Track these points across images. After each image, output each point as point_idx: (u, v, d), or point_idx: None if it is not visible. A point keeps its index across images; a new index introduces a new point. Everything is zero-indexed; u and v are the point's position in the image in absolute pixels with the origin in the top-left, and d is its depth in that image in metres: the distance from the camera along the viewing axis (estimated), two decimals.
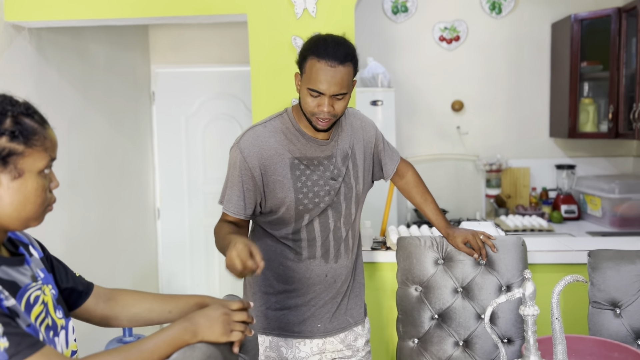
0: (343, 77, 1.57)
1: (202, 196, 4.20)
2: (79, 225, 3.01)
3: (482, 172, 3.88)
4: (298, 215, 1.71)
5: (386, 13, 3.86)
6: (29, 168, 1.02)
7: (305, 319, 1.78)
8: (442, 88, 3.88)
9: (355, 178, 1.79)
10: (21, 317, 0.99)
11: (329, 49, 1.56)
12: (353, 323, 1.86)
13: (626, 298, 1.86)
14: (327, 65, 1.55)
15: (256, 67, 2.40)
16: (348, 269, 1.82)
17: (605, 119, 3.50)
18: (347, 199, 1.77)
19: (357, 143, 1.81)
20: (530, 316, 1.35)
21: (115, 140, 3.51)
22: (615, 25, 3.33)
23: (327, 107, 1.58)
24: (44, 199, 1.05)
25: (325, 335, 1.80)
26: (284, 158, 1.69)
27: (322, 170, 1.72)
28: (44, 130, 1.05)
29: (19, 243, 1.14)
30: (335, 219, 1.76)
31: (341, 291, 1.82)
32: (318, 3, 2.34)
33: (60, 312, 1.14)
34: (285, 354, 1.78)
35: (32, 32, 2.64)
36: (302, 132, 1.71)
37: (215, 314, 1.15)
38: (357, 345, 1.88)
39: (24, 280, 1.06)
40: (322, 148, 1.73)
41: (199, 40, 4.07)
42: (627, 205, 3.37)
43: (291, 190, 1.68)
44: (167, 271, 4.24)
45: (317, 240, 1.75)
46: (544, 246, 2.25)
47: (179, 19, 2.49)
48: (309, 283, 1.76)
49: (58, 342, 1.10)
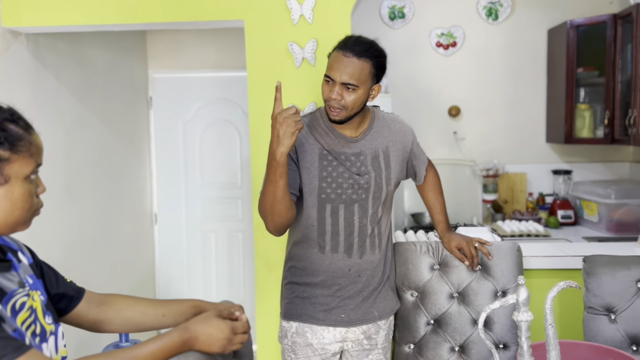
0: (355, 69, 1.67)
1: (199, 201, 4.20)
2: (77, 230, 3.01)
3: (479, 177, 3.89)
4: (320, 204, 1.79)
5: (383, 19, 3.88)
6: (15, 174, 1.02)
7: (330, 308, 1.85)
8: (439, 94, 3.89)
9: (387, 179, 1.85)
10: (7, 322, 0.99)
11: (349, 42, 1.71)
12: (377, 317, 1.90)
13: (621, 304, 1.86)
14: (342, 54, 1.69)
15: (253, 72, 2.40)
16: (374, 265, 1.87)
17: (601, 124, 3.51)
18: (376, 198, 1.83)
19: (394, 146, 1.88)
20: (524, 322, 1.36)
21: (112, 145, 3.51)
22: (611, 32, 3.35)
23: (335, 94, 1.68)
24: (31, 204, 1.06)
25: (349, 325, 1.86)
26: (314, 148, 1.80)
27: (349, 165, 1.80)
28: (29, 135, 1.05)
29: (8, 249, 1.14)
30: (360, 216, 1.82)
31: (369, 285, 1.87)
32: (314, 9, 2.35)
33: (50, 318, 1.14)
34: (311, 339, 1.86)
35: (30, 37, 2.64)
36: (331, 129, 1.81)
37: (219, 336, 1.14)
38: (377, 339, 1.92)
39: (10, 286, 1.05)
40: (350, 145, 1.81)
41: (196, 45, 4.08)
42: (623, 210, 3.38)
43: (316, 178, 1.78)
44: (164, 276, 4.24)
45: (340, 235, 1.81)
46: (539, 251, 2.26)
47: (176, 24, 2.50)
48: (333, 276, 1.83)
49: (47, 347, 1.10)
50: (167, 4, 2.40)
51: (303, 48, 2.35)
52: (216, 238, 4.20)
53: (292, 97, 2.36)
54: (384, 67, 1.78)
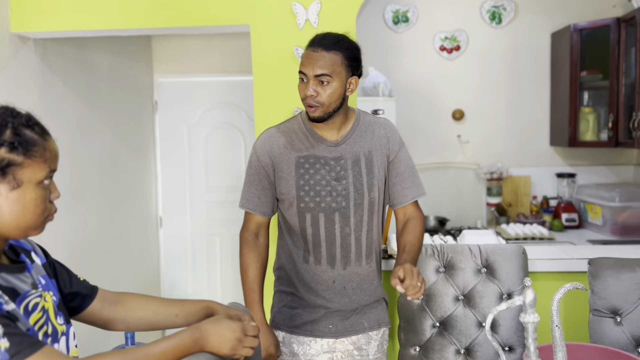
0: (326, 62, 1.67)
1: (204, 205, 4.21)
2: (82, 234, 3.03)
3: (483, 180, 3.90)
4: (300, 213, 1.77)
5: (387, 23, 3.89)
6: (28, 179, 1.03)
7: (317, 319, 1.81)
8: (443, 97, 3.91)
9: (369, 185, 1.78)
10: (20, 321, 1.01)
11: (316, 38, 1.72)
12: (367, 327, 1.84)
13: (627, 306, 1.87)
14: (311, 50, 1.70)
15: (259, 77, 2.42)
16: (361, 277, 1.80)
17: (605, 127, 3.51)
18: (357, 205, 1.77)
19: (377, 151, 1.81)
20: (531, 323, 1.37)
21: (118, 149, 3.53)
22: (614, 35, 3.36)
23: (311, 91, 1.68)
24: (43, 209, 1.07)
25: (337, 335, 1.81)
26: (291, 157, 1.77)
27: (327, 170, 1.76)
28: (44, 141, 1.06)
29: (21, 250, 1.15)
30: (342, 225, 1.76)
31: (357, 300, 1.81)
32: (320, 14, 2.37)
33: (61, 318, 1.15)
34: (297, 350, 1.83)
35: (37, 42, 2.67)
36: (311, 132, 1.79)
37: (230, 336, 1.15)
38: (369, 350, 1.86)
39: (23, 287, 1.07)
40: (330, 149, 1.77)
41: (201, 49, 4.10)
42: (627, 213, 3.38)
43: (293, 187, 1.76)
44: (169, 279, 4.25)
45: (322, 245, 1.77)
46: (544, 254, 2.26)
47: (182, 29, 2.52)
48: (318, 288, 1.79)
49: (58, 348, 1.11)
50: (173, 10, 2.42)
51: None
52: (221, 241, 4.22)
53: (297, 102, 2.38)
54: (358, 60, 1.74)
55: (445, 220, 3.73)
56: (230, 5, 2.41)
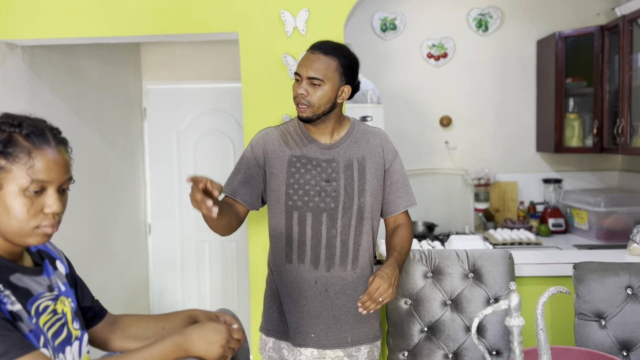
0: (321, 65, 1.72)
1: (193, 212, 4.20)
2: (70, 240, 3.01)
3: (470, 186, 3.93)
4: (288, 211, 1.79)
5: (375, 31, 3.93)
6: (8, 183, 1.05)
7: (299, 326, 1.81)
8: (431, 104, 3.94)
9: (360, 190, 1.80)
10: (24, 322, 1.04)
11: (317, 43, 1.79)
12: (350, 343, 1.82)
13: (611, 309, 1.89)
14: (310, 53, 1.76)
15: (247, 84, 2.43)
16: (345, 282, 1.80)
17: (590, 133, 3.56)
18: (346, 208, 1.79)
19: (371, 158, 1.84)
20: (516, 327, 1.38)
21: (106, 156, 3.52)
22: (598, 43, 3.41)
23: (302, 90, 1.73)
24: (28, 217, 1.06)
25: (319, 346, 1.81)
26: (284, 154, 1.82)
27: (319, 171, 1.79)
28: (38, 153, 1.06)
29: (46, 255, 1.22)
30: (329, 227, 1.78)
31: (339, 305, 1.80)
32: (308, 22, 2.39)
33: (77, 324, 1.20)
34: (287, 356, 1.84)
35: (25, 49, 2.66)
36: (306, 134, 1.83)
37: (216, 337, 1.17)
38: (359, 356, 1.85)
39: (37, 289, 1.11)
40: (324, 151, 1.81)
41: (190, 57, 4.11)
42: (612, 218, 3.43)
43: (283, 184, 1.80)
44: (158, 286, 4.23)
45: (307, 245, 1.79)
46: (531, 259, 2.29)
47: (171, 37, 2.53)
48: (299, 288, 1.81)
49: (70, 351, 1.15)
50: (161, 17, 2.43)
51: (297, 60, 2.38)
52: (210, 248, 4.21)
53: (286, 109, 2.39)
54: (354, 70, 1.78)
55: (434, 226, 3.76)
56: (219, 13, 2.42)
